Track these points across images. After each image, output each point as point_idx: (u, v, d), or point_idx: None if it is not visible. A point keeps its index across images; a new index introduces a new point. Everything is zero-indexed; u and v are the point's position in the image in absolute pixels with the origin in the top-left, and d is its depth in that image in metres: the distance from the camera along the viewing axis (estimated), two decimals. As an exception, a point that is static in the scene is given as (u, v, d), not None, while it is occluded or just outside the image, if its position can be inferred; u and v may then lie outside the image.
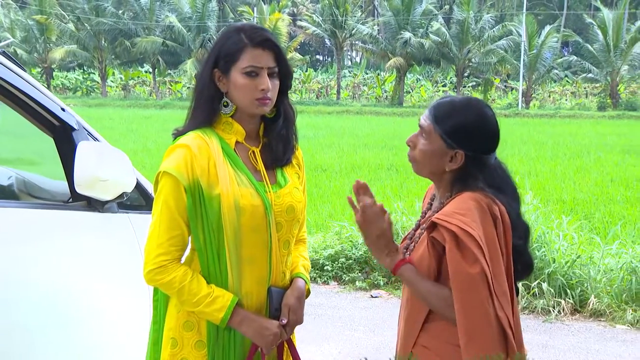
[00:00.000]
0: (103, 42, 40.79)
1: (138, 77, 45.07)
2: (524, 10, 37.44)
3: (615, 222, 7.86)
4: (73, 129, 2.56)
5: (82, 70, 47.08)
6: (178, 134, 2.03)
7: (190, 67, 38.93)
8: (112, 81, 45.28)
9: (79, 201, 2.57)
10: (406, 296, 2.07)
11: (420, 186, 10.73)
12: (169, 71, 44.18)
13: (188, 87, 43.75)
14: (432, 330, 1.97)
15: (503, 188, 1.99)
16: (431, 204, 2.12)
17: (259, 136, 2.06)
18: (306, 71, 45.22)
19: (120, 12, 41.98)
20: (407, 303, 2.05)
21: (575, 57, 37.94)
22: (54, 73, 44.91)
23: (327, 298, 5.79)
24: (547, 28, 36.05)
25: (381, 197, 9.67)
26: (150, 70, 43.09)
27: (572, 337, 4.95)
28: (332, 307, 5.57)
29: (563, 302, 5.34)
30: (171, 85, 44.08)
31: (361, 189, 1.97)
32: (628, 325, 5.10)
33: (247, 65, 1.93)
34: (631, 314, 5.14)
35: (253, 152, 2.03)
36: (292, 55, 40.77)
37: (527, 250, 2.04)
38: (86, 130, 2.64)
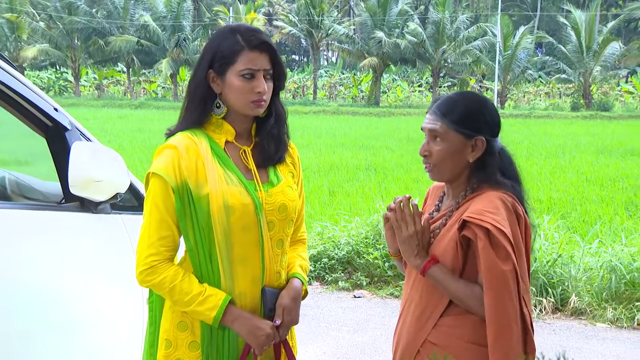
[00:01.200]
0: (76, 41, 40.33)
1: (112, 76, 44.67)
2: (499, 11, 37.82)
3: (591, 221, 7.96)
4: (66, 129, 2.54)
5: (54, 70, 46.50)
6: (170, 134, 2.02)
7: (165, 66, 38.68)
8: (85, 80, 44.79)
9: (72, 202, 2.55)
10: (419, 293, 2.07)
11: (399, 186, 10.78)
12: (144, 71, 43.84)
13: (163, 87, 43.47)
14: (444, 327, 2.00)
15: (513, 175, 2.04)
16: (438, 205, 2.13)
17: (251, 135, 2.06)
18: (282, 71, 45.08)
19: (94, 10, 41.51)
20: (420, 300, 2.06)
21: (549, 58, 38.45)
22: (26, 72, 44.25)
23: (310, 298, 5.77)
24: (522, 29, 36.48)
25: (361, 197, 9.69)
26: (125, 69, 42.71)
27: (553, 336, 5.00)
28: (315, 308, 5.57)
29: (544, 300, 5.39)
30: (146, 85, 43.74)
31: (406, 204, 2.01)
32: (608, 324, 5.16)
33: (244, 68, 1.93)
34: (611, 312, 5.20)
35: (244, 151, 2.03)
36: (268, 55, 40.60)
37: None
38: (79, 131, 2.61)
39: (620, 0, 50.11)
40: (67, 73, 44.22)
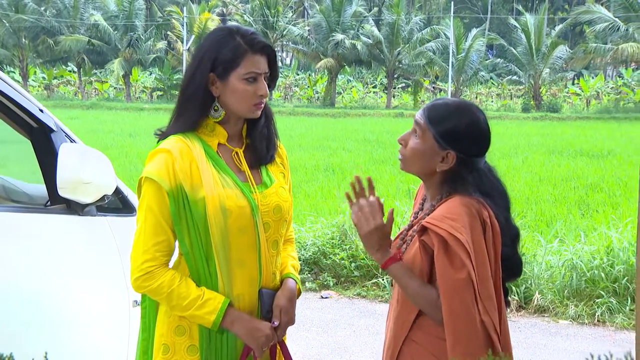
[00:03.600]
0: (24, 39, 39.32)
1: (62, 76, 43.66)
2: (452, 13, 38.37)
3: (547, 220, 8.15)
4: (52, 131, 2.49)
5: (0, 69, 45.22)
6: (162, 136, 2.00)
7: (117, 66, 38.04)
8: (34, 80, 43.68)
9: (57, 204, 2.51)
10: (396, 295, 2.10)
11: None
12: (95, 71, 43.02)
13: (115, 88, 42.73)
14: (424, 326, 2.00)
15: (492, 193, 2.02)
16: (422, 205, 2.14)
17: (242, 137, 2.06)
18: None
19: (42, 9, 40.50)
20: (397, 302, 2.08)
21: (500, 60, 39.23)
22: (-29, 71, 42.93)
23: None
24: (474, 31, 37.12)
25: (322, 198, 9.71)
26: (75, 69, 41.82)
27: (519, 333, 5.10)
28: (282, 310, 5.55)
29: (509, 298, 5.49)
30: (98, 85, 42.92)
31: (360, 184, 2.00)
32: (570, 320, 5.29)
33: (248, 72, 1.93)
34: (573, 309, 5.34)
35: (236, 152, 2.02)
36: (222, 56, 40.32)
37: (515, 254, 2.08)
38: (63, 132, 2.57)
39: (566, 4, 51.48)
40: (14, 72, 43.00)
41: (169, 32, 42.13)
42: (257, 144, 2.04)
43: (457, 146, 1.98)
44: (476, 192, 1.99)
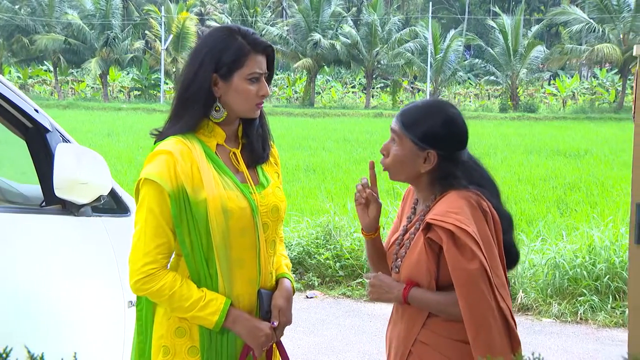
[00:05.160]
0: (-3, 38, 38.84)
1: (38, 75, 43.09)
2: (430, 14, 38.56)
3: (527, 219, 8.23)
4: (47, 131, 2.47)
5: (-27, 68, 44.59)
6: (160, 137, 1.98)
7: (94, 66, 37.64)
8: (8, 79, 42.98)
9: (53, 205, 2.49)
10: None
11: (339, 187, 10.86)
12: (72, 70, 42.52)
13: (92, 87, 42.28)
14: (433, 326, 2.02)
15: (482, 182, 2.06)
16: (414, 208, 2.16)
17: (238, 137, 2.06)
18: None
19: (17, 7, 39.97)
20: (402, 305, 2.09)
21: (478, 60, 39.50)
22: (-57, 71, 42.34)
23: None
24: (452, 32, 37.34)
25: (303, 198, 9.71)
26: (51, 68, 41.32)
27: (503, 331, 5.14)
28: (268, 310, 5.54)
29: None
30: (74, 85, 42.43)
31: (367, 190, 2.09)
32: (554, 319, 5.35)
33: (252, 72, 1.94)
34: (556, 307, 5.40)
35: (234, 153, 2.03)
36: (200, 56, 40.06)
37: (513, 241, 2.12)
38: (58, 132, 2.55)
39: (542, 5, 52.01)
40: (-12, 71, 42.50)
41: (147, 32, 41.72)
42: (254, 143, 2.05)
43: (436, 145, 2.02)
44: (468, 184, 2.02)
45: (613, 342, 5.02)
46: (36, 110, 2.46)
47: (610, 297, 5.46)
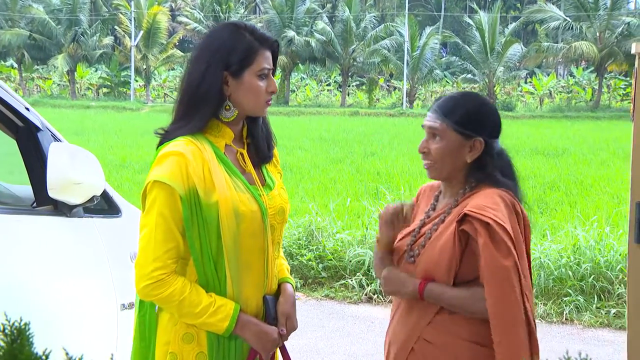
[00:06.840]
0: (-43, 33, 37.93)
1: (1, 72, 42.13)
2: (406, 11, 38.59)
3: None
4: (38, 130, 2.41)
5: None
6: (167, 137, 1.92)
7: (61, 62, 36.94)
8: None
9: (44, 205, 2.44)
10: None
11: (316, 186, 10.77)
12: (37, 67, 41.72)
13: (59, 84, 41.55)
14: (440, 325, 1.99)
15: (511, 175, 2.06)
16: (434, 204, 2.12)
17: (243, 137, 2.03)
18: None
19: (-21, 1, 39.21)
20: (406, 302, 2.07)
21: (455, 58, 39.65)
22: None
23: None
24: (428, 29, 37.42)
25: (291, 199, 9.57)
26: (15, 65, 40.44)
27: (489, 333, 5.08)
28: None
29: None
30: (40, 82, 41.64)
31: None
32: (539, 319, 5.29)
33: (261, 68, 1.93)
34: (542, 308, 5.35)
35: (241, 154, 2.00)
36: (172, 52, 39.78)
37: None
38: (50, 131, 2.49)
39: (518, 3, 52.43)
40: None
41: (116, 27, 41.06)
42: (259, 143, 2.02)
43: (479, 129, 2.01)
44: (500, 176, 2.01)
45: (599, 342, 5.00)
46: (27, 109, 2.41)
47: (596, 297, 5.45)
